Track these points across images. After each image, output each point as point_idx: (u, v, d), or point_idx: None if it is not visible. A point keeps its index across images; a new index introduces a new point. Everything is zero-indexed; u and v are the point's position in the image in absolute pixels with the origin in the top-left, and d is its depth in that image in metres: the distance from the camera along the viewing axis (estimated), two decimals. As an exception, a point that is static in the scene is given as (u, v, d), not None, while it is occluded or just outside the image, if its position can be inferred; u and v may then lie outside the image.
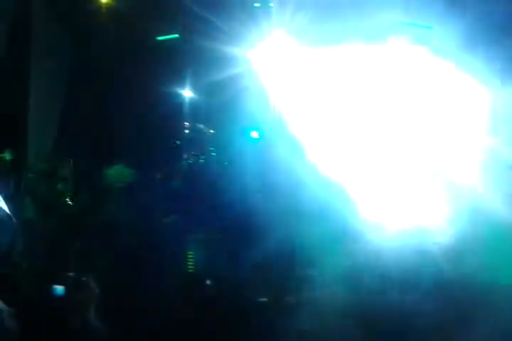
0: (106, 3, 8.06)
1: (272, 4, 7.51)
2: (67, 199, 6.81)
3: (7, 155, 6.73)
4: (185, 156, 7.29)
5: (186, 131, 7.25)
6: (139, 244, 5.95)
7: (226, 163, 7.24)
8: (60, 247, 6.46)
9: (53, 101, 8.54)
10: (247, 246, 6.33)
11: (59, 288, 3.68)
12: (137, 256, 5.78)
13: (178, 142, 7.66)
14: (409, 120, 6.28)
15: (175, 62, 8.18)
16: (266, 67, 7.13)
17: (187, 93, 8.68)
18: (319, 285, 6.05)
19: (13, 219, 3.78)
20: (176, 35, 8.44)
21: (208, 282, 6.25)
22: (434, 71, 6.08)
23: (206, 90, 8.16)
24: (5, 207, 3.70)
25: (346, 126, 6.45)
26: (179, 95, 8.65)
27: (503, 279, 5.07)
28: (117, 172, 7.08)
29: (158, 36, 8.36)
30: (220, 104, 7.79)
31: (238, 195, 6.69)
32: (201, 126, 7.49)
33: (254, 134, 7.48)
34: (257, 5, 7.75)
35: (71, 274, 3.61)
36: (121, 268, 5.73)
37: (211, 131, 7.33)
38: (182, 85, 8.60)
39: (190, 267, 6.58)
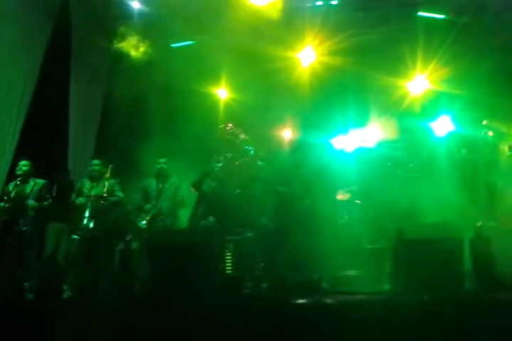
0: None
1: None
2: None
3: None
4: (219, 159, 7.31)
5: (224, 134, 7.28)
6: (180, 246, 6.01)
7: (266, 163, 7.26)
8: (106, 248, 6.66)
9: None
10: (284, 246, 6.37)
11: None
12: (178, 259, 5.85)
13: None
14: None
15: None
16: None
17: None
18: (356, 286, 6.07)
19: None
20: (191, 42, 8.58)
21: (247, 284, 6.30)
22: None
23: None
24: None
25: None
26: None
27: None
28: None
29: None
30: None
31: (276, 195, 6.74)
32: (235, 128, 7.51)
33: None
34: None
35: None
36: (163, 271, 5.82)
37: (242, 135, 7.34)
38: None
39: (229, 268, 6.63)
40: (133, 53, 8.17)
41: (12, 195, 6.68)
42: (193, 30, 8.35)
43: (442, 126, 8.13)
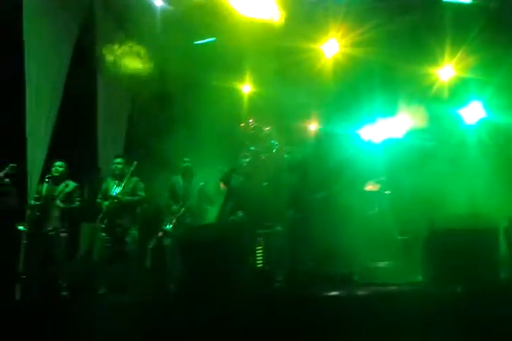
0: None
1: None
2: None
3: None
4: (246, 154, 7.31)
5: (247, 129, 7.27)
6: (210, 242, 6.05)
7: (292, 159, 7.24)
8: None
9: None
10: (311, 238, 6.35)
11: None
12: (209, 253, 5.88)
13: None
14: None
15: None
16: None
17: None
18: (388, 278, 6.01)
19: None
20: (213, 39, 8.58)
21: (278, 277, 6.31)
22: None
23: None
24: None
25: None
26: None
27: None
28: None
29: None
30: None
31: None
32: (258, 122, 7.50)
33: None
34: None
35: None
36: (194, 267, 5.87)
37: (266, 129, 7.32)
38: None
39: (259, 262, 6.64)
40: (156, 52, 8.23)
41: (43, 193, 6.80)
42: (214, 26, 8.35)
43: (473, 113, 7.95)
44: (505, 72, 7.68)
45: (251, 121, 7.22)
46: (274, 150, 7.05)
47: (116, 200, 6.74)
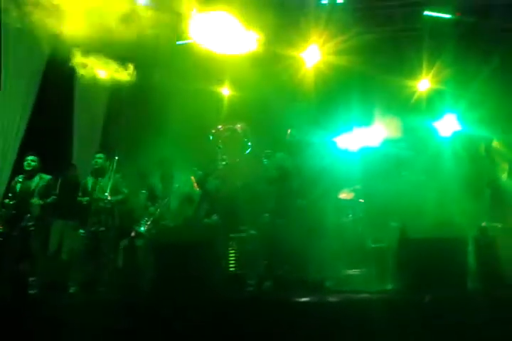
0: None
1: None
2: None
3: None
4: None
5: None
6: (182, 244, 6.04)
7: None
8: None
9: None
10: (286, 244, 6.38)
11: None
12: (182, 256, 5.87)
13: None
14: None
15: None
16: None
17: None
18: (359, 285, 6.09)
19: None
20: (192, 40, 8.58)
21: (251, 281, 6.32)
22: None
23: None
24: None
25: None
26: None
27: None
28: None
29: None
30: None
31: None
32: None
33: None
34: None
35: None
36: (165, 269, 5.84)
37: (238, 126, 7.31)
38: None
39: (232, 266, 6.64)
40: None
41: (17, 191, 6.70)
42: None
43: (447, 125, 8.12)
44: (479, 85, 7.87)
45: (220, 126, 7.22)
46: (248, 150, 7.07)
47: (106, 202, 6.66)
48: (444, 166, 7.13)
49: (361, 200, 7.48)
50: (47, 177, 6.87)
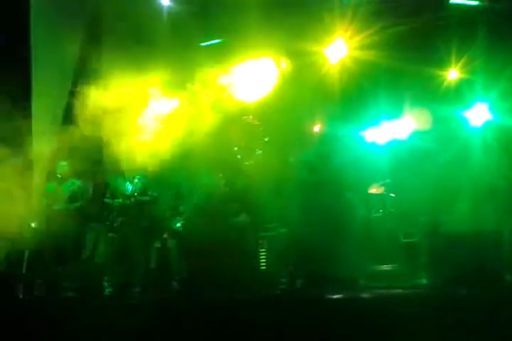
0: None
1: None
2: None
3: None
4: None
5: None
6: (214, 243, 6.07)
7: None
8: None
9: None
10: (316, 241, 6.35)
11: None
12: (213, 256, 5.90)
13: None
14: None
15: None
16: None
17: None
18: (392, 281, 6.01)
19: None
20: (219, 40, 8.57)
21: (282, 280, 6.31)
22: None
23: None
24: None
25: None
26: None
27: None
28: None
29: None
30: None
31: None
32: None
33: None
34: None
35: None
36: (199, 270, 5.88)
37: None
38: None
39: (263, 265, 6.65)
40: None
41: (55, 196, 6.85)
42: (221, 27, 8.35)
43: (478, 115, 7.93)
44: (510, 74, 7.65)
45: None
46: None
47: (132, 199, 6.73)
48: (475, 158, 6.97)
49: (392, 195, 7.38)
50: (78, 182, 6.99)
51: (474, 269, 5.57)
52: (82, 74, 8.09)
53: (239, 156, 7.03)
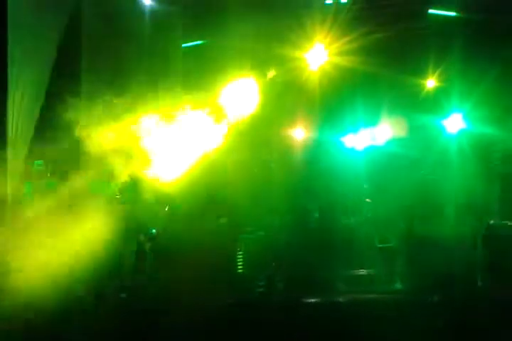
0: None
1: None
2: None
3: None
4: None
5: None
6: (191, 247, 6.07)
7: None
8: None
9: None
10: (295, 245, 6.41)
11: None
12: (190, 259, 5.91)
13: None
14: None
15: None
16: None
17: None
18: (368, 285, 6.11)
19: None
20: (201, 42, 8.58)
21: (260, 283, 6.35)
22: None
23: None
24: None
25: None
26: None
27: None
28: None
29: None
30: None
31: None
32: None
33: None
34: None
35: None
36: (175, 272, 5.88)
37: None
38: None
39: (240, 268, 6.68)
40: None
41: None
42: (203, 29, 8.36)
43: (454, 123, 8.11)
44: (485, 84, 7.84)
45: None
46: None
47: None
48: (451, 164, 7.13)
49: (368, 200, 7.49)
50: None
51: (447, 275, 5.70)
52: (61, 74, 8.01)
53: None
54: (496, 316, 4.97)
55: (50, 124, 7.55)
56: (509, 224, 6.50)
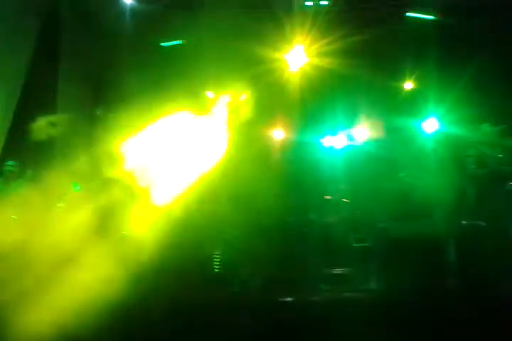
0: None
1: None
2: None
3: None
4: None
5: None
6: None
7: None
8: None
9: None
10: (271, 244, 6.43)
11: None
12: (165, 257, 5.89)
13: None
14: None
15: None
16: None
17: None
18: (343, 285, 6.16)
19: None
20: (180, 41, 8.59)
21: (235, 281, 6.36)
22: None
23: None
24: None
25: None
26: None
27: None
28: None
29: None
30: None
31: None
32: None
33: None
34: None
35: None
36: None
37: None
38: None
39: (216, 267, 6.68)
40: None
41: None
42: (183, 28, 8.37)
43: (430, 125, 8.24)
44: (461, 87, 7.97)
45: None
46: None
47: None
48: (428, 166, 7.23)
49: (345, 200, 7.55)
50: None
51: (421, 275, 5.77)
52: (36, 74, 7.94)
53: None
54: (467, 316, 5.03)
55: (22, 125, 7.51)
56: (481, 224, 6.59)
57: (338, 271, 6.55)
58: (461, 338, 4.91)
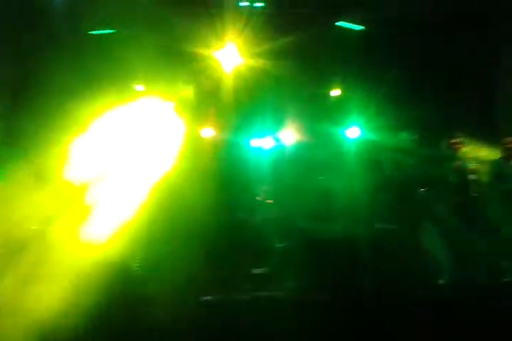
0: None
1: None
2: None
3: None
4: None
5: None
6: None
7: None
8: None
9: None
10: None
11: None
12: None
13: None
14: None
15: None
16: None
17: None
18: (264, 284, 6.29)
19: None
20: (111, 30, 8.41)
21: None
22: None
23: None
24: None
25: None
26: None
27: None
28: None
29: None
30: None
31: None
32: None
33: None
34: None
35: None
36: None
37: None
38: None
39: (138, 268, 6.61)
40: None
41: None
42: (114, 18, 8.17)
43: (352, 131, 8.59)
44: (381, 95, 8.34)
45: None
46: None
47: None
48: (348, 168, 7.53)
49: (269, 201, 7.71)
50: None
51: (339, 274, 6.01)
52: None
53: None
54: (379, 317, 5.29)
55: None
56: (393, 227, 6.95)
57: (259, 270, 6.68)
58: (375, 333, 5.15)
